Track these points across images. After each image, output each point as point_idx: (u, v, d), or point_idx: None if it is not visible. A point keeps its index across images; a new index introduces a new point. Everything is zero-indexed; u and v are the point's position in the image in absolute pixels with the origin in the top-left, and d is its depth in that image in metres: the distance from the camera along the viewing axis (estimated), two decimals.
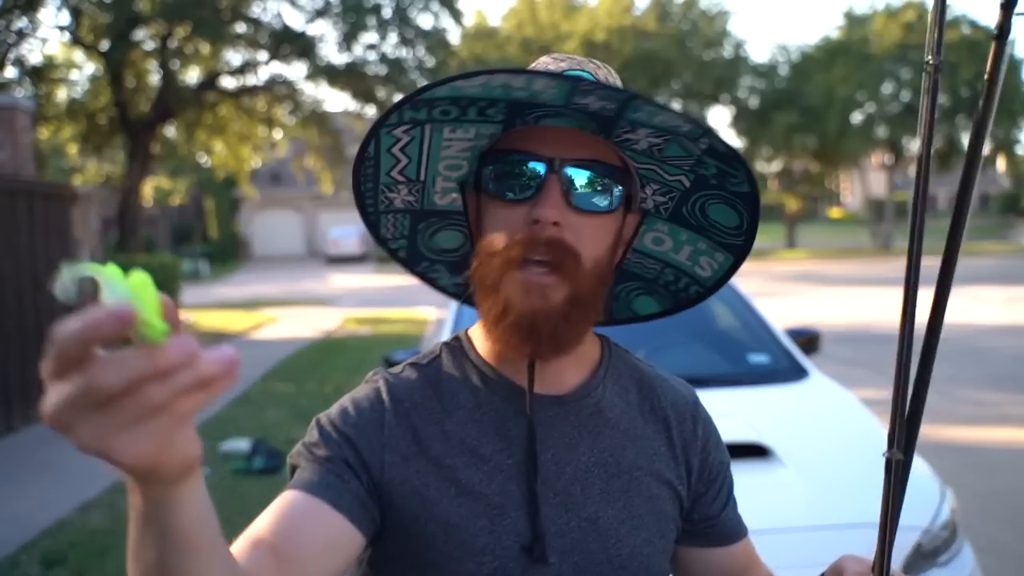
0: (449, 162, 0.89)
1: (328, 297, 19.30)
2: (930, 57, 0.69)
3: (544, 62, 0.88)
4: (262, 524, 0.77)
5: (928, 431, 6.26)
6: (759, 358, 3.35)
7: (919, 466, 2.53)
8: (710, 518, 0.96)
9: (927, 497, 2.34)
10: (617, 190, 0.84)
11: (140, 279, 0.47)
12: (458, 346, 0.92)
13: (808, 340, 3.69)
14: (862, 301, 14.41)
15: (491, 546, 0.82)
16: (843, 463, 2.43)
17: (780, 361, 3.30)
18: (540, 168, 0.81)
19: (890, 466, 0.66)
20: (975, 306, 13.17)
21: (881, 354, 8.84)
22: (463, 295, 0.99)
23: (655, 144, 0.84)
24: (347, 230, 34.46)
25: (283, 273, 28.42)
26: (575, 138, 0.82)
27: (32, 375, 6.78)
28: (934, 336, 0.67)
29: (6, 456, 5.87)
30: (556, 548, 0.83)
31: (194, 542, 0.55)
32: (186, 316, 13.23)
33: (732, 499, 0.99)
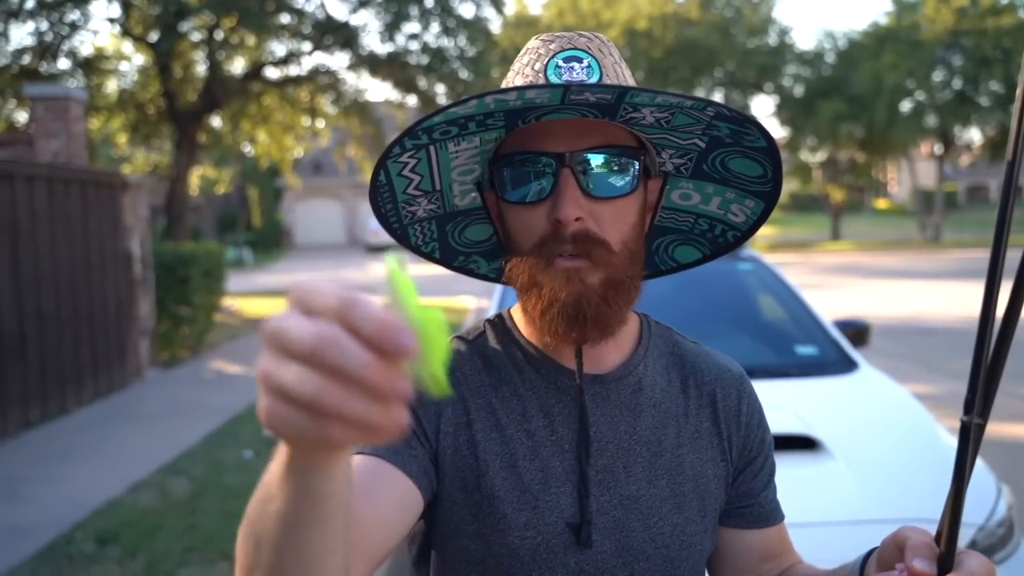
0: (461, 169, 0.90)
1: (368, 285, 19.46)
2: None
3: (534, 46, 0.86)
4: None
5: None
6: (807, 350, 3.30)
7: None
8: (748, 496, 0.94)
9: (983, 493, 2.28)
10: (633, 168, 0.84)
11: (436, 319, 0.42)
12: (501, 324, 0.93)
13: (857, 332, 3.62)
14: (909, 294, 14.10)
15: (534, 521, 0.83)
16: (894, 457, 2.39)
17: (829, 353, 3.25)
18: (552, 166, 0.81)
19: (967, 431, 0.64)
20: None
21: (928, 348, 8.66)
22: (503, 278, 1.00)
23: (661, 118, 0.84)
24: None
25: (324, 261, 28.74)
26: (581, 126, 0.82)
27: (85, 357, 6.98)
28: (1016, 304, 0.64)
29: (59, 437, 6.05)
30: (598, 526, 0.84)
31: (326, 512, 0.54)
32: (232, 303, 13.46)
33: (772, 482, 0.97)
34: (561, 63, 0.83)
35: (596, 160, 0.82)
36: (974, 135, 30.05)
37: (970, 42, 26.36)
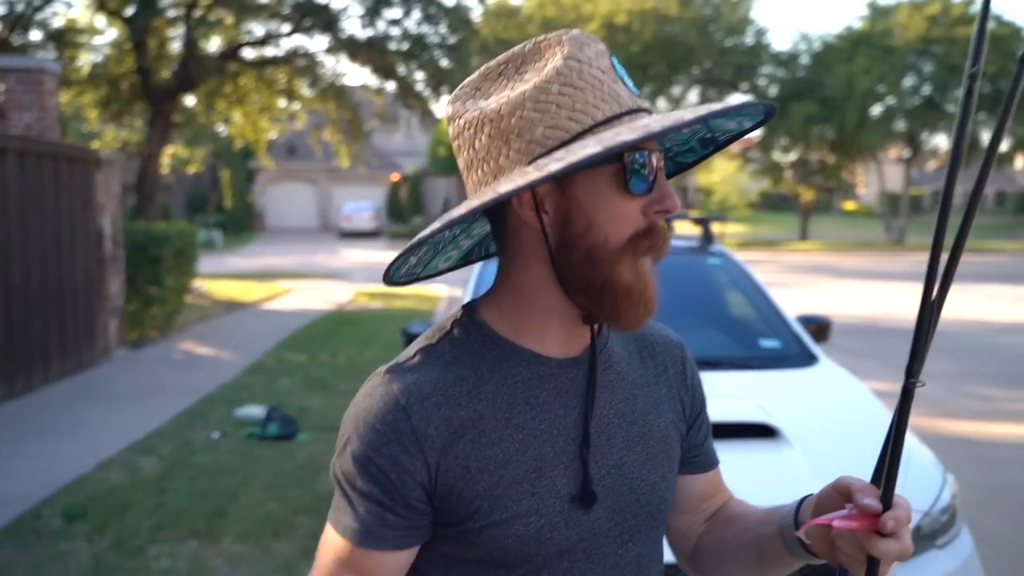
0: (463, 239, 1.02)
1: (340, 271, 19.41)
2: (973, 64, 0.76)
3: (573, 48, 0.84)
4: None
5: (935, 424, 6.27)
6: (771, 343, 3.42)
7: (923, 453, 2.60)
8: (696, 447, 1.06)
9: (929, 482, 2.41)
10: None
11: None
12: (470, 322, 0.94)
13: (819, 328, 3.74)
14: (873, 295, 14.40)
15: (536, 506, 0.88)
16: (848, 445, 2.50)
17: (791, 347, 3.36)
18: (653, 160, 0.85)
19: (908, 393, 0.77)
20: (985, 303, 13.15)
21: (889, 347, 8.87)
22: (466, 260, 1.08)
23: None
24: (361, 205, 34.51)
25: (296, 246, 28.54)
26: None
27: (53, 335, 6.92)
28: (949, 274, 0.78)
29: (25, 414, 6.01)
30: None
31: None
32: (202, 284, 13.36)
33: (710, 430, 1.10)
34: (616, 64, 0.88)
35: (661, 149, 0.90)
36: (941, 141, 30.61)
37: (940, 50, 26.84)
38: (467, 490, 0.87)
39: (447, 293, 14.17)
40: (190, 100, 14.76)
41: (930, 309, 0.78)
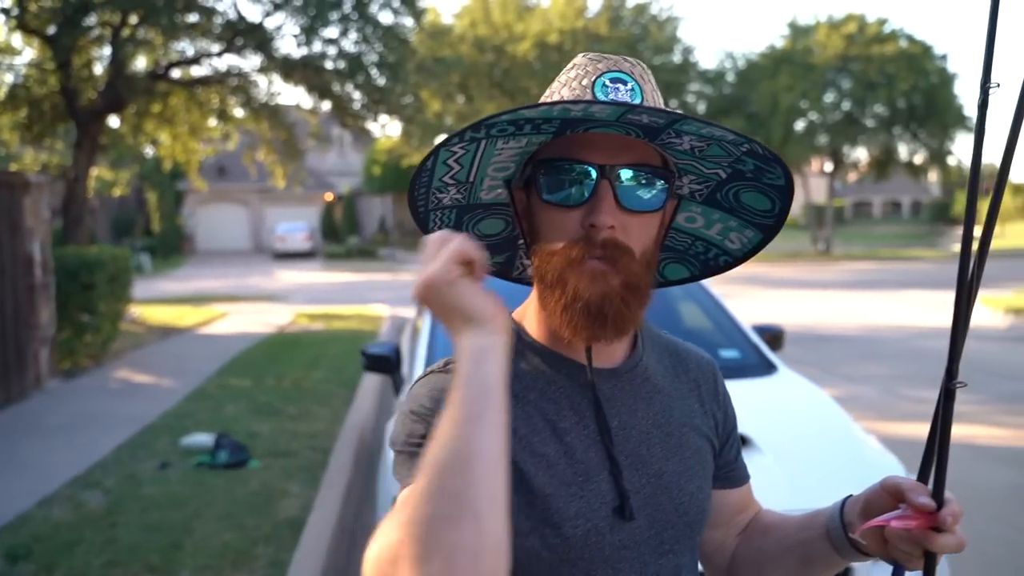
0: (498, 165, 0.96)
1: (277, 293, 19.04)
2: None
3: (580, 62, 0.93)
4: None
5: (874, 427, 6.51)
6: (729, 353, 3.50)
7: (884, 454, 2.70)
8: (729, 463, 1.09)
9: None
10: (661, 187, 0.91)
11: None
12: (512, 330, 0.98)
13: (773, 337, 3.85)
14: (805, 304, 14.86)
15: (583, 510, 0.90)
16: (816, 451, 2.58)
17: (749, 356, 3.45)
18: (593, 175, 0.88)
19: (951, 394, 0.83)
20: (912, 309, 13.71)
21: (825, 354, 9.16)
22: (500, 273, 1.11)
23: (697, 146, 0.91)
24: (295, 225, 33.97)
25: (229, 268, 27.89)
26: (621, 142, 0.89)
27: None
28: (967, 303, 0.83)
29: None
30: (634, 504, 0.93)
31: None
32: (136, 310, 12.93)
33: (740, 447, 1.13)
34: (608, 83, 0.89)
35: (632, 175, 0.89)
36: (860, 154, 31.87)
37: (858, 67, 28.00)
38: (518, 485, 0.89)
39: (390, 312, 14.05)
40: (116, 121, 14.32)
41: (964, 317, 0.83)
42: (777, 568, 1.04)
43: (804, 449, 2.59)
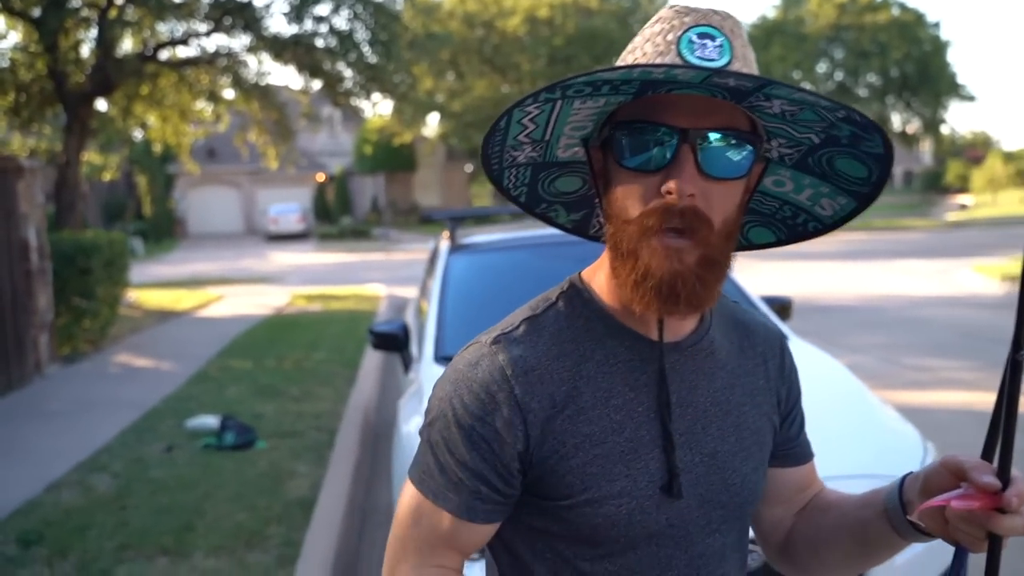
0: (575, 124, 0.91)
1: (272, 275, 18.99)
2: None
3: (667, 16, 0.86)
4: (444, 558, 0.93)
5: (880, 396, 6.56)
6: None
7: (902, 423, 2.70)
8: (790, 440, 1.05)
9: (911, 451, 2.50)
10: (748, 153, 0.85)
11: None
12: (576, 294, 0.95)
13: (781, 307, 3.85)
14: (803, 275, 14.89)
15: (628, 488, 0.88)
16: (834, 419, 2.57)
17: None
18: (674, 139, 0.82)
19: (1018, 366, 0.77)
20: (908, 279, 13.76)
21: (826, 325, 9.19)
22: (577, 230, 1.07)
23: (789, 111, 0.85)
24: (287, 207, 33.80)
25: (222, 251, 27.78)
26: (705, 105, 0.83)
27: None
28: None
29: None
30: (684, 483, 0.91)
31: None
32: (133, 294, 12.87)
33: (804, 424, 1.08)
34: (695, 38, 0.83)
35: (716, 140, 0.83)
36: None
37: (850, 36, 27.89)
38: (561, 464, 0.88)
39: (387, 292, 14.03)
40: (105, 105, 14.15)
41: None
42: (834, 549, 1.00)
43: (823, 419, 2.57)
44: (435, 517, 0.90)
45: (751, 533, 1.07)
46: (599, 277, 0.95)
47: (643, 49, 0.86)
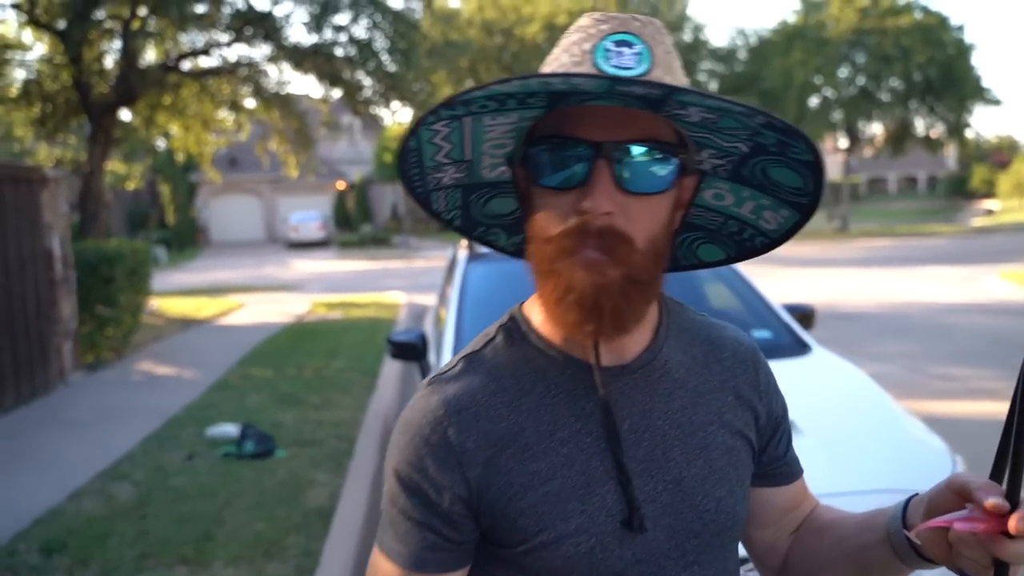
0: (494, 142, 0.88)
1: (293, 283, 19.09)
2: None
3: (585, 24, 0.82)
4: None
5: (905, 406, 6.48)
6: (762, 334, 3.45)
7: (928, 434, 2.65)
8: (777, 459, 0.98)
9: (938, 463, 2.45)
10: (671, 165, 0.81)
11: None
12: (515, 327, 0.91)
13: (804, 316, 3.80)
14: (825, 282, 14.74)
15: (585, 525, 0.83)
16: (858, 432, 2.53)
17: (782, 336, 3.40)
18: (588, 154, 0.78)
19: None
20: (933, 285, 13.57)
21: (848, 333, 9.08)
22: (522, 254, 0.99)
23: (708, 118, 0.81)
24: (308, 215, 34.03)
25: (244, 259, 27.99)
26: (622, 115, 0.79)
27: (6, 362, 6.64)
28: None
29: None
30: (648, 514, 0.84)
31: None
32: (155, 302, 12.99)
33: (791, 440, 1.01)
34: (611, 46, 0.78)
35: (634, 153, 0.79)
36: (876, 129, 31.51)
37: (872, 40, 27.65)
38: (511, 507, 0.83)
39: (406, 299, 14.05)
40: (128, 115, 14.34)
41: None
42: (832, 574, 0.94)
43: (847, 430, 2.54)
44: (389, 570, 0.86)
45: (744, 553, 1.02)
46: (536, 306, 0.90)
47: (560, 60, 0.82)
